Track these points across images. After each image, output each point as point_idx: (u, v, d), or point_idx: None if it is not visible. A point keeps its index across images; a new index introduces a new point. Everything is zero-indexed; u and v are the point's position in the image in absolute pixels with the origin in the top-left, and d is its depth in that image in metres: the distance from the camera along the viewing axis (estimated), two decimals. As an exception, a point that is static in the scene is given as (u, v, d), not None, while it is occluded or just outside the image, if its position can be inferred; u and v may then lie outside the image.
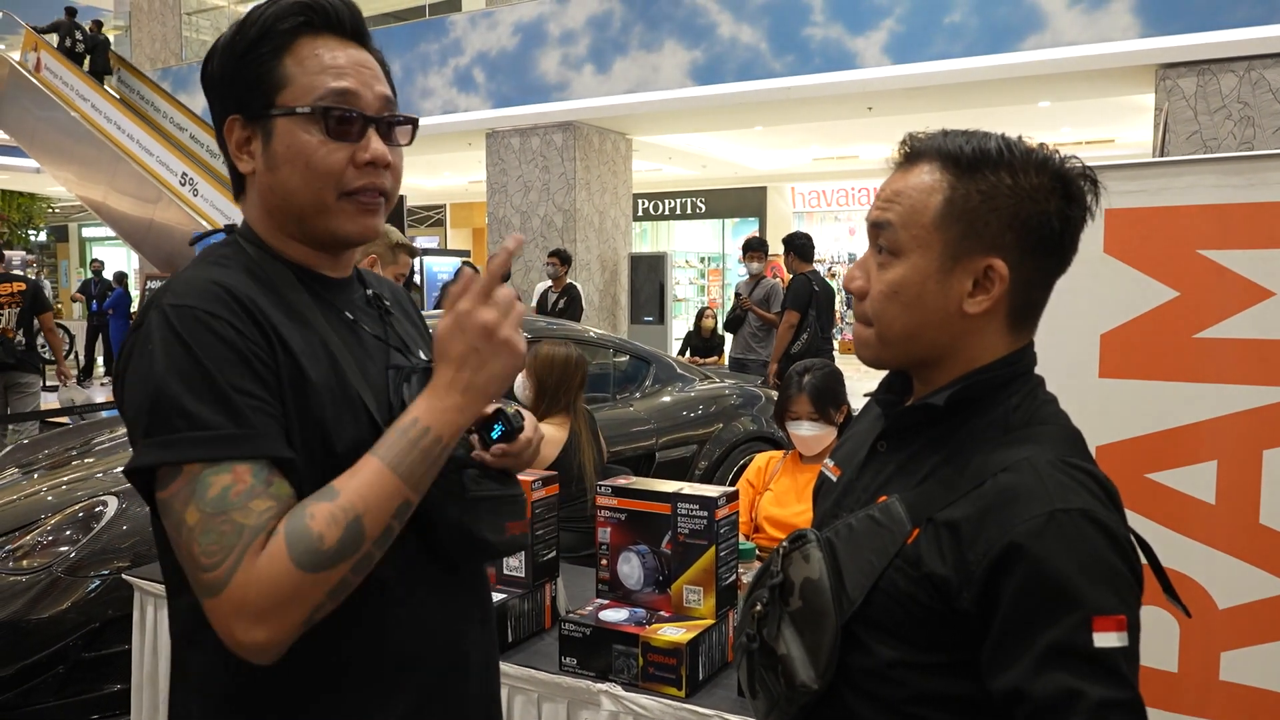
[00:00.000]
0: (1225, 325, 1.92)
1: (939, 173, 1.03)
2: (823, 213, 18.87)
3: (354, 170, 1.10)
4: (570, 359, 3.26)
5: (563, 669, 1.92)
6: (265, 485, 0.96)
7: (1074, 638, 0.89)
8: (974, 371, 1.04)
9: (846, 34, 9.02)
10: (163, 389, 0.97)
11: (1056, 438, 1.01)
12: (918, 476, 1.04)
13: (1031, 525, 0.92)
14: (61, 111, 12.67)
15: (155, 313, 1.01)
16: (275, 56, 1.09)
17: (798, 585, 1.06)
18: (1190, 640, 1.98)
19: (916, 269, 1.03)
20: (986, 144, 1.02)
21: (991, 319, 1.04)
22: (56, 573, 2.93)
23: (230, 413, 0.97)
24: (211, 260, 1.11)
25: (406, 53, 11.53)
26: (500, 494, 1.17)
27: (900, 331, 1.05)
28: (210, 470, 0.95)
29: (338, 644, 1.06)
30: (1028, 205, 1.00)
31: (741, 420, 5.20)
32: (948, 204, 1.01)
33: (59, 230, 24.47)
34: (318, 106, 1.08)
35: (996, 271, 1.01)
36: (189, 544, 0.94)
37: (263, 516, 0.95)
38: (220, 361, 0.98)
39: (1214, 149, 7.50)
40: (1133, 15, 7.77)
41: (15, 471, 3.84)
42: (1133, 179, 2.01)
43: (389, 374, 1.14)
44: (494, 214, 11.22)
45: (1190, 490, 1.97)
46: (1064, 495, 0.94)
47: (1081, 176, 1.03)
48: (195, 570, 0.95)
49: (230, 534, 0.93)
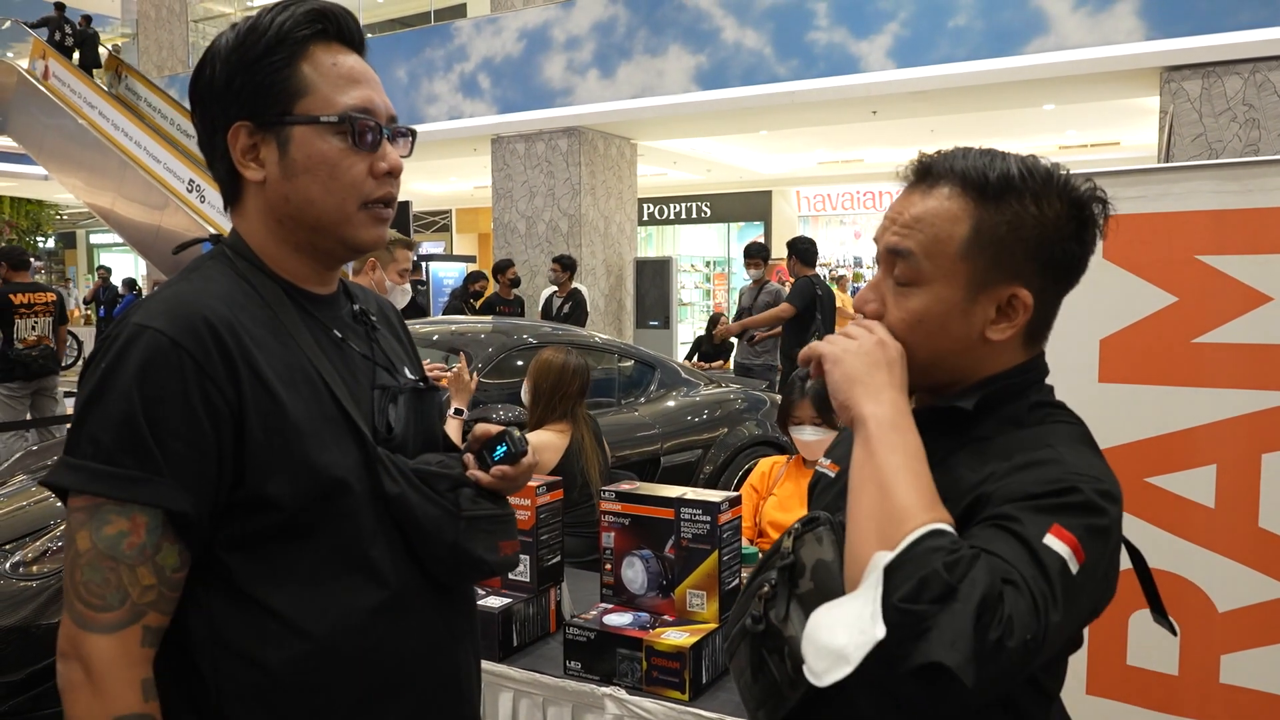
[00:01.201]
0: (1224, 330, 1.93)
1: (961, 199, 1.01)
2: (828, 216, 18.86)
3: (372, 181, 1.11)
4: (567, 366, 3.24)
5: (567, 673, 1.93)
6: (154, 550, 0.99)
7: (1028, 527, 0.89)
8: (995, 376, 1.05)
9: (851, 38, 9.03)
10: (88, 411, 1.00)
11: (1074, 435, 1.03)
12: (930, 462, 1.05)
13: (1047, 479, 0.94)
14: (69, 119, 12.75)
15: (125, 329, 1.02)
16: (291, 64, 1.08)
17: (809, 567, 1.05)
18: (1190, 643, 1.99)
19: (940, 299, 1.01)
20: (1009, 169, 1.00)
21: (1011, 341, 1.05)
22: (66, 578, 2.95)
23: (138, 452, 0.98)
24: (198, 274, 1.10)
25: (412, 58, 11.57)
26: (495, 514, 1.19)
27: (923, 360, 1.04)
28: (112, 508, 0.98)
29: (331, 663, 1.07)
30: (1051, 234, 1.00)
31: (746, 425, 5.22)
32: (975, 234, 1.00)
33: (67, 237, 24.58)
34: (345, 116, 1.09)
35: (1021, 300, 1.01)
36: (73, 566, 0.99)
37: (145, 596, 1.00)
38: (157, 398, 0.99)
39: (1219, 151, 7.49)
40: (1137, 18, 7.77)
41: (24, 478, 3.87)
42: (1132, 185, 2.02)
43: (374, 394, 1.15)
44: (499, 219, 11.25)
45: (1190, 494, 1.98)
46: (1084, 467, 0.95)
47: (1094, 200, 1.03)
48: (73, 594, 0.99)
49: (114, 587, 0.98)
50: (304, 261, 1.15)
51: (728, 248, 19.23)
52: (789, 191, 18.42)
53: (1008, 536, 0.89)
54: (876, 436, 0.95)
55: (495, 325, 4.93)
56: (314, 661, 1.05)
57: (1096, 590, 0.94)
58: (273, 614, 1.04)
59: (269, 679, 1.04)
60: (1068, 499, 0.92)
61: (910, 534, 0.87)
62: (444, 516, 1.13)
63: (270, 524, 1.04)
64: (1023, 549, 0.88)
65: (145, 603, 1.00)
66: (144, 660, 1.01)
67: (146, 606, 1.00)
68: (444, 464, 1.18)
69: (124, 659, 0.99)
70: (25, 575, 3.00)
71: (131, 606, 0.99)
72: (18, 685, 2.86)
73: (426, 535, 1.12)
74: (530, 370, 3.30)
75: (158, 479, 0.99)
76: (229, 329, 1.03)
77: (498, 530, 1.19)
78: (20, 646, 2.85)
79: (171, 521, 1.00)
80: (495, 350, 4.35)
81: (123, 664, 0.99)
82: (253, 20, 1.10)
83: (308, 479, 1.04)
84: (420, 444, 1.20)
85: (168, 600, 1.02)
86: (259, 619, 1.04)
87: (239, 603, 1.04)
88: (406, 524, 1.11)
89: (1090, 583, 0.91)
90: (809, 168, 16.49)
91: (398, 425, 1.16)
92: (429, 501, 1.12)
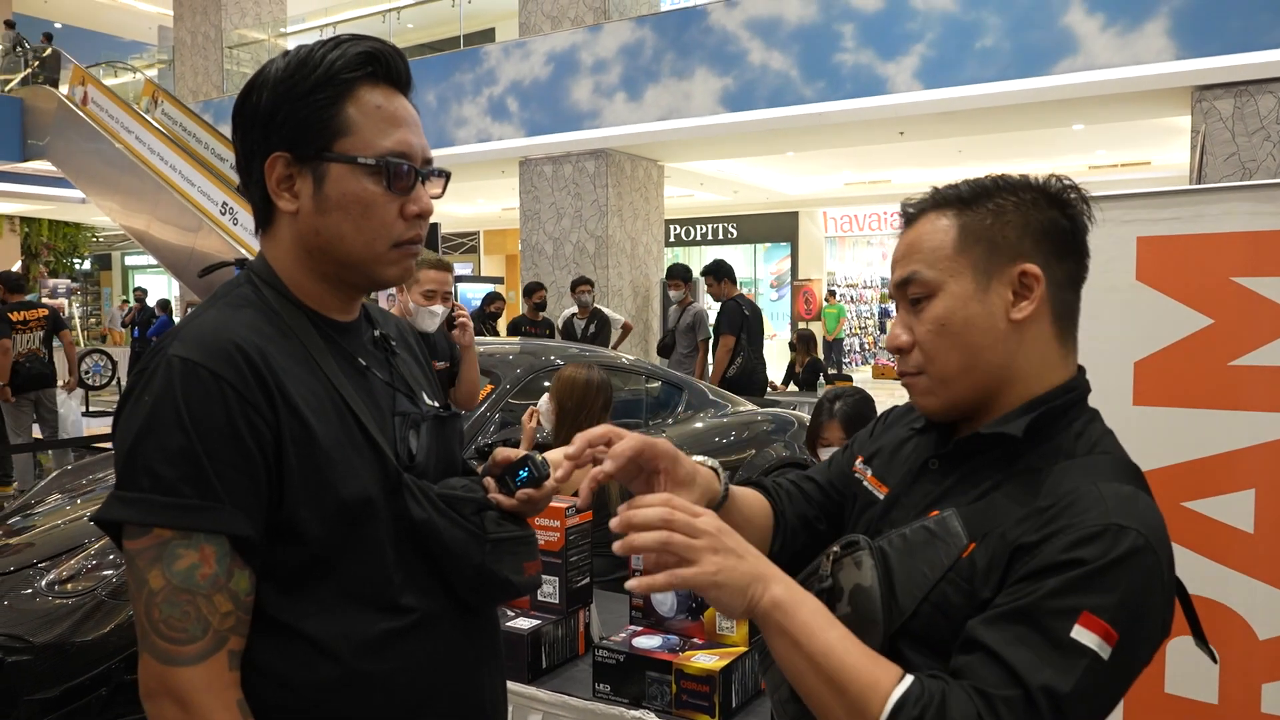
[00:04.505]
0: (1260, 353, 1.90)
1: (943, 213, 1.08)
2: (855, 237, 18.83)
3: (403, 223, 1.13)
4: (591, 382, 3.22)
5: (596, 695, 1.93)
6: (227, 576, 1.01)
7: (1056, 617, 0.90)
8: (1041, 398, 1.05)
9: (878, 59, 9.03)
10: (140, 444, 1.01)
11: (1119, 468, 1.02)
12: (974, 494, 1.04)
13: (1085, 530, 0.93)
14: (107, 143, 13.00)
15: (162, 361, 1.03)
16: (336, 103, 1.09)
17: (847, 591, 1.05)
18: (1230, 672, 1.95)
19: (955, 296, 1.05)
20: (981, 180, 1.08)
21: (1039, 326, 1.05)
22: (100, 596, 2.98)
23: (197, 482, 1.00)
24: (227, 302, 1.12)
25: (442, 82, 11.70)
26: (518, 535, 1.20)
27: (958, 364, 1.05)
28: (180, 541, 0.99)
29: (359, 686, 1.08)
30: (1034, 213, 1.05)
31: (774, 446, 5.19)
32: (963, 230, 1.06)
33: (102, 259, 24.99)
34: (383, 160, 1.10)
35: (1031, 274, 1.04)
36: (149, 605, 0.99)
37: (225, 622, 1.01)
38: (207, 429, 1.00)
39: (1253, 171, 7.40)
40: (1167, 37, 7.72)
41: (60, 497, 3.92)
42: (1166, 206, 2.01)
43: (394, 421, 1.17)
44: (527, 240, 11.31)
45: (1228, 519, 1.95)
46: (1125, 513, 0.94)
47: (1068, 189, 1.08)
48: (153, 633, 0.99)
49: (194, 619, 0.99)
50: (329, 291, 1.17)
51: (754, 268, 19.23)
52: (815, 212, 18.41)
53: (1030, 633, 0.90)
54: (793, 623, 0.94)
55: (523, 346, 4.95)
56: (342, 684, 1.07)
57: (1141, 651, 0.94)
58: (301, 638, 1.06)
59: (298, 701, 1.06)
60: (1105, 560, 0.91)
61: (881, 716, 0.89)
62: (470, 540, 1.14)
63: (299, 556, 1.06)
64: (1047, 647, 0.89)
65: (226, 628, 1.01)
66: (234, 683, 1.02)
67: (228, 632, 1.02)
68: (468, 488, 1.20)
69: (217, 684, 1.00)
70: (61, 593, 3.04)
71: (214, 634, 1.00)
72: (53, 702, 2.89)
73: (454, 558, 1.13)
74: (553, 387, 3.29)
75: (219, 507, 1.00)
76: (261, 357, 1.05)
77: (521, 551, 1.20)
78: (55, 663, 2.88)
79: (236, 547, 1.02)
80: (524, 371, 4.36)
81: (216, 689, 1.00)
82: (305, 53, 1.11)
83: (335, 505, 1.06)
84: (441, 470, 1.22)
85: (244, 624, 1.04)
86: (288, 643, 1.06)
87: (269, 627, 1.06)
88: (434, 547, 1.13)
89: (1128, 656, 0.92)
90: (836, 188, 16.48)
91: (420, 453, 1.18)
92: (455, 525, 1.14)
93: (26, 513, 3.79)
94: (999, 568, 0.96)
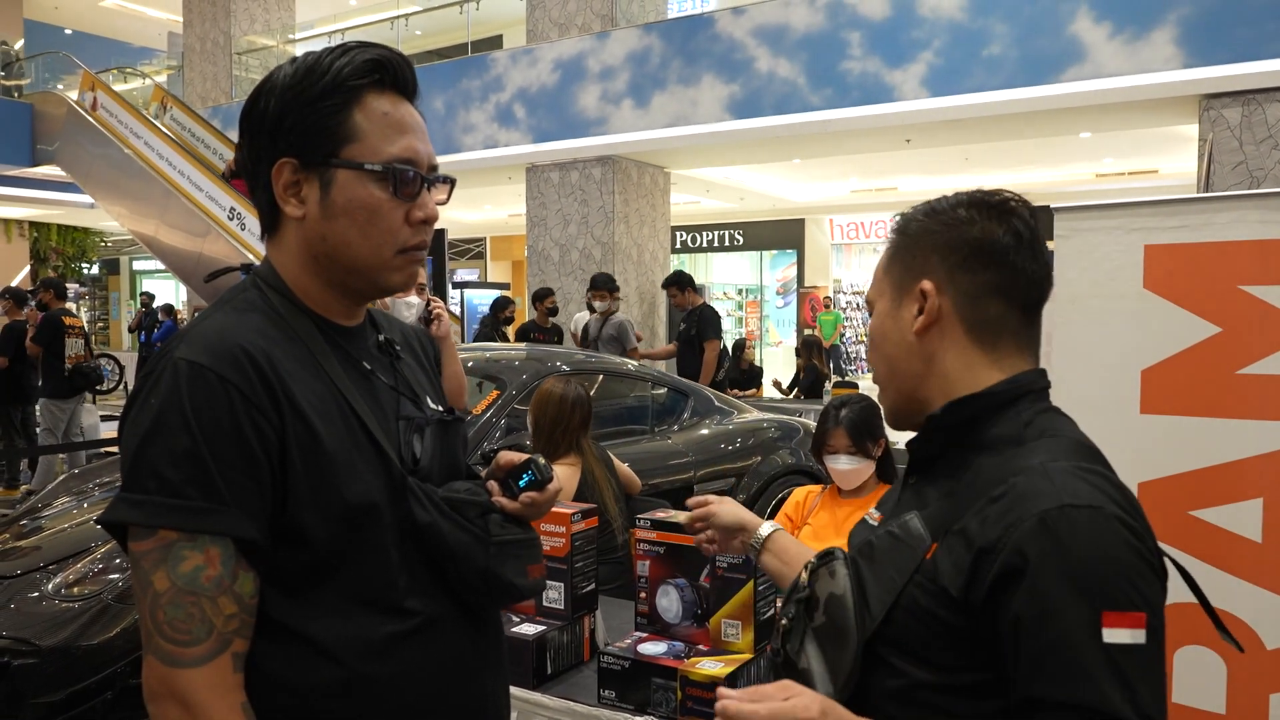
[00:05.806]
0: (1268, 361, 1.90)
1: (893, 238, 1.19)
2: (861, 244, 18.82)
3: (408, 229, 1.14)
4: (567, 398, 3.17)
5: (601, 701, 1.92)
6: (232, 579, 1.01)
7: (1081, 635, 0.89)
8: (966, 399, 1.08)
9: (884, 67, 9.03)
10: (146, 447, 1.01)
11: (1069, 447, 1.03)
12: (938, 495, 1.07)
13: (1040, 520, 0.93)
14: (116, 148, 13.05)
15: (168, 364, 1.04)
16: (344, 109, 1.10)
17: (823, 600, 1.08)
18: (1238, 682, 1.94)
19: (879, 314, 1.17)
20: (927, 203, 1.16)
21: (951, 337, 1.09)
22: (106, 600, 2.99)
23: (203, 484, 1.00)
24: (233, 306, 1.13)
25: (449, 89, 11.74)
26: (522, 538, 1.21)
27: (884, 374, 1.16)
28: (185, 544, 0.99)
29: (363, 689, 1.08)
30: (949, 232, 1.10)
31: (780, 453, 5.19)
32: (891, 252, 1.17)
33: (110, 263, 25.07)
34: (389, 166, 1.11)
35: (924, 289, 1.10)
36: (153, 607, 1.00)
37: (229, 625, 1.01)
38: (212, 432, 1.01)
39: (1261, 180, 7.38)
40: (1175, 46, 7.71)
41: (67, 500, 3.94)
42: (1174, 215, 2.01)
43: (399, 425, 1.17)
44: (533, 247, 11.33)
45: (1236, 528, 1.94)
46: (1074, 492, 0.94)
47: (1009, 200, 1.11)
48: (157, 634, 1.00)
49: (199, 621, 0.99)
50: (334, 296, 1.17)
51: (760, 275, 19.23)
52: (822, 219, 18.40)
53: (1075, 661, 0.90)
54: None
55: (530, 352, 4.96)
56: (345, 688, 1.07)
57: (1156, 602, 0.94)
58: (305, 641, 1.06)
59: (301, 704, 1.06)
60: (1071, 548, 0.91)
61: None
62: (474, 543, 1.15)
63: (303, 559, 1.06)
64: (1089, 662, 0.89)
65: (230, 631, 1.02)
66: (238, 685, 1.03)
67: (232, 634, 1.02)
68: (472, 491, 1.20)
69: (221, 686, 1.00)
70: (67, 597, 3.04)
71: (219, 636, 1.01)
72: (59, 705, 2.89)
73: (458, 561, 1.14)
74: (531, 404, 3.25)
75: (224, 509, 1.01)
76: (267, 361, 1.05)
77: (525, 555, 1.21)
78: (62, 667, 2.89)
79: (241, 550, 1.02)
80: (530, 377, 4.37)
81: (220, 691, 1.00)
82: (313, 60, 1.12)
83: (339, 509, 1.06)
84: (445, 474, 1.23)
85: (249, 626, 1.04)
86: (292, 646, 1.06)
87: (272, 630, 1.06)
88: (438, 551, 1.13)
89: (1161, 620, 0.93)
90: (842, 196, 16.48)
91: (424, 456, 1.19)
92: (460, 529, 1.14)
93: (34, 516, 3.80)
94: (964, 569, 0.97)
